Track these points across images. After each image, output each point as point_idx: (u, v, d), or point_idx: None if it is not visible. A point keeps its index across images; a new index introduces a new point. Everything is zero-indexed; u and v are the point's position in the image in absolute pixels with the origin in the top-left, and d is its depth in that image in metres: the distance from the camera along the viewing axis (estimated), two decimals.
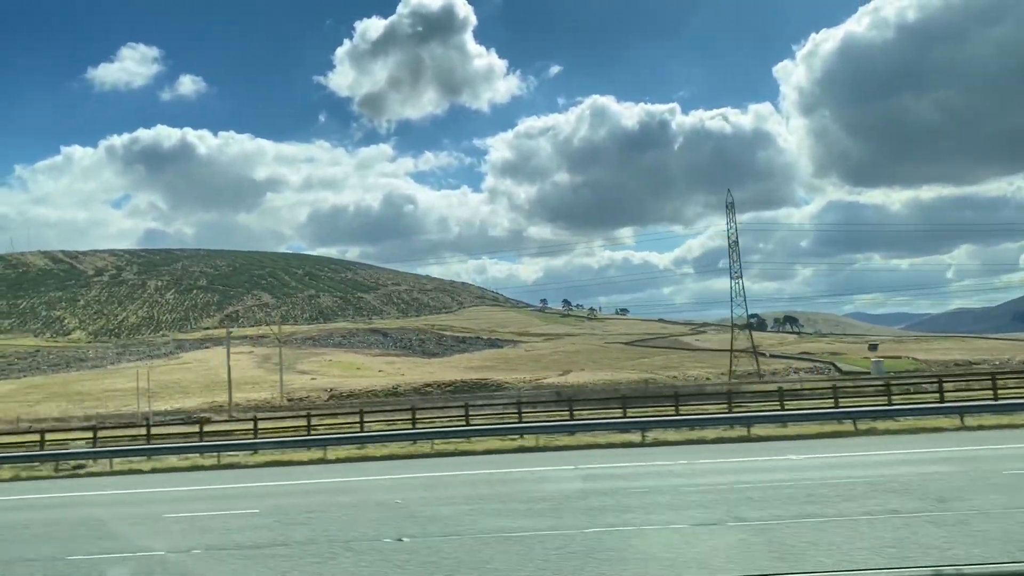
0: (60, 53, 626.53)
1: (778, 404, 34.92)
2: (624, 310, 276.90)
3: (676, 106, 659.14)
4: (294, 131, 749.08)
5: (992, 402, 28.61)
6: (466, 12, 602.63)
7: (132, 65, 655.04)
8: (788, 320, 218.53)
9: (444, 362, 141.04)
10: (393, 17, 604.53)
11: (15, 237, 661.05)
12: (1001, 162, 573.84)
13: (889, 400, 32.32)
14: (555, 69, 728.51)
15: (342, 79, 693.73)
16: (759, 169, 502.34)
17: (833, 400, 31.79)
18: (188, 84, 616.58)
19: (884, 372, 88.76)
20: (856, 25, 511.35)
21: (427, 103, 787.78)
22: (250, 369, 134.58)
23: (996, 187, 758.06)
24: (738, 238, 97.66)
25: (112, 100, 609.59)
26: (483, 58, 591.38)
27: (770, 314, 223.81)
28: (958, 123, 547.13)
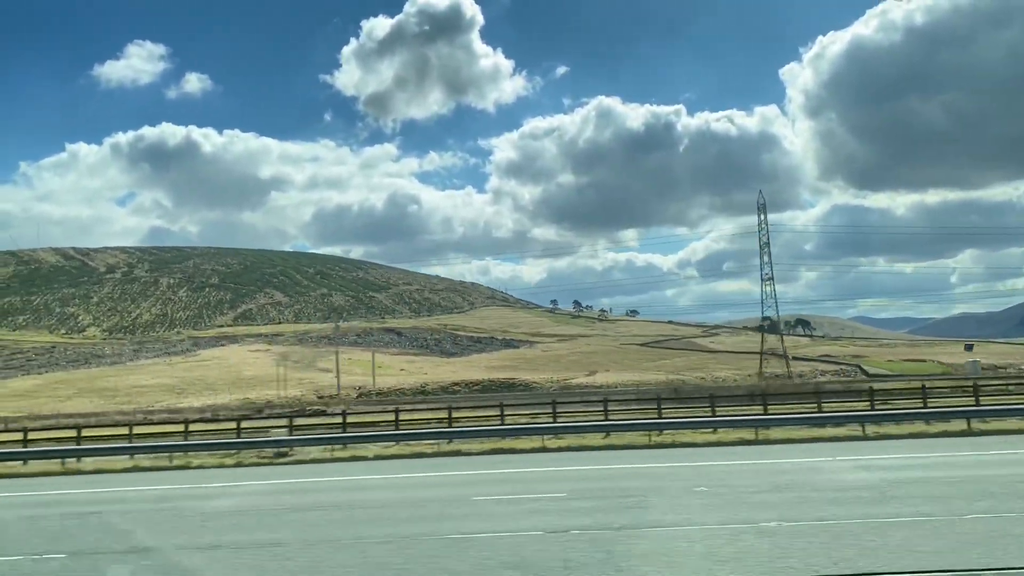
0: (67, 50, 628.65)
1: (868, 404, 35.39)
2: (634, 311, 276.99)
3: (682, 108, 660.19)
4: (299, 130, 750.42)
5: None
6: (473, 12, 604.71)
7: (139, 63, 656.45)
8: (800, 323, 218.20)
9: (464, 362, 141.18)
10: (400, 16, 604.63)
11: (19, 234, 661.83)
12: (1007, 167, 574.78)
13: (976, 400, 32.36)
14: (561, 70, 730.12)
15: (348, 78, 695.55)
16: (764, 172, 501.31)
17: (922, 400, 31.98)
18: (194, 82, 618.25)
19: (979, 372, 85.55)
20: (864, 28, 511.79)
21: (433, 103, 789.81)
22: (270, 367, 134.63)
23: (1002, 192, 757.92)
24: (769, 240, 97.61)
25: (118, 98, 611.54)
26: (489, 58, 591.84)
27: (779, 317, 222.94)
28: (965, 127, 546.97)
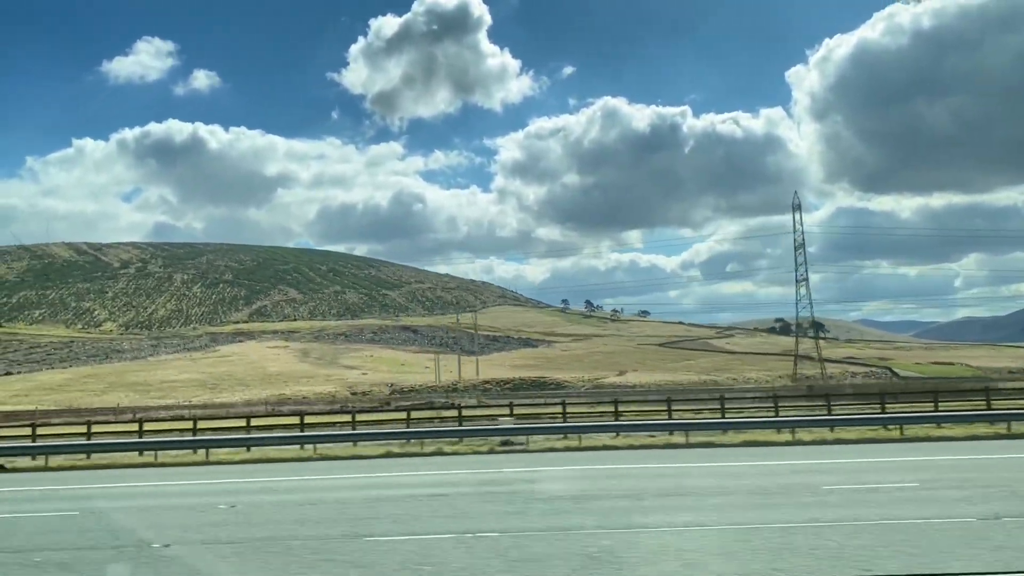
0: (75, 46, 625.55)
1: (932, 405, 35.53)
2: (645, 312, 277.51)
3: (687, 109, 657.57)
4: (305, 128, 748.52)
5: None
6: (481, 11, 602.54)
7: (147, 59, 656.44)
8: (814, 325, 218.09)
9: (486, 360, 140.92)
10: (408, 15, 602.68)
11: (23, 229, 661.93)
12: (1013, 171, 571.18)
13: None
14: (568, 70, 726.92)
15: (355, 76, 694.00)
16: (769, 174, 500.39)
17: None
18: (202, 79, 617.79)
19: None
20: (870, 31, 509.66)
21: (439, 102, 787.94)
22: (294, 363, 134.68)
23: (1007, 196, 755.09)
24: (804, 240, 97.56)
25: (125, 94, 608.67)
26: (497, 58, 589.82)
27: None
28: (971, 131, 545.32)
